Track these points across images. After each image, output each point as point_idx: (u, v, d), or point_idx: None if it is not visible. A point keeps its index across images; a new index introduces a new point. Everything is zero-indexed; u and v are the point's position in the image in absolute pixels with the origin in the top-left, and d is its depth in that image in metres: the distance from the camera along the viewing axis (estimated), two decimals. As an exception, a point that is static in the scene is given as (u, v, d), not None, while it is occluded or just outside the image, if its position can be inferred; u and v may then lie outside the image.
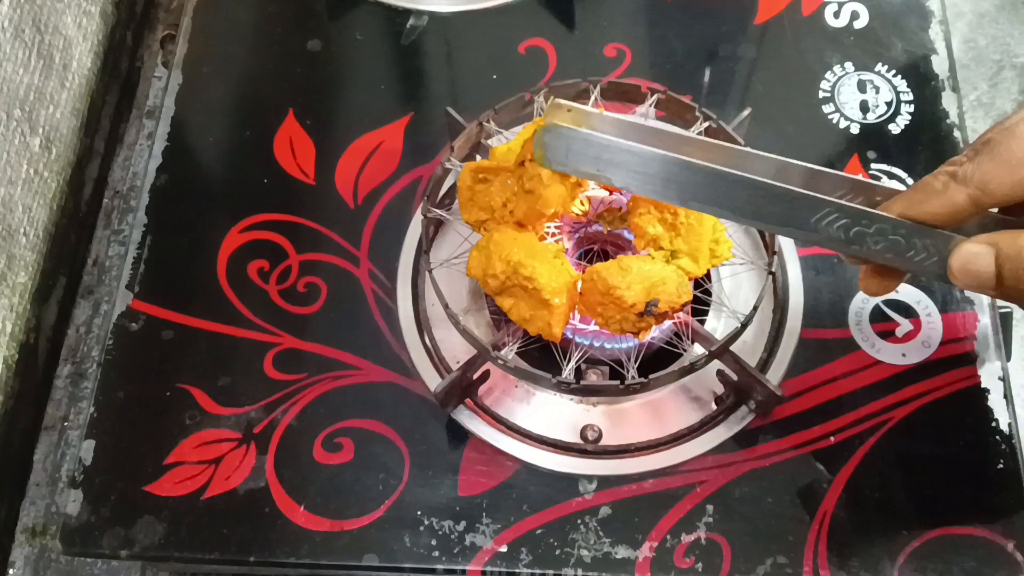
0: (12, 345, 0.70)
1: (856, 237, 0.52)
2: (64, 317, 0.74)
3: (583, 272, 0.59)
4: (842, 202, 0.51)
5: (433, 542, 0.62)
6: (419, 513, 0.62)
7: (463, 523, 0.62)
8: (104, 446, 0.65)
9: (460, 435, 0.65)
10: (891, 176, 0.73)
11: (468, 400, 0.65)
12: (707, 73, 0.80)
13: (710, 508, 0.62)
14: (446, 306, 0.60)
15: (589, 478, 0.63)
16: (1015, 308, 0.67)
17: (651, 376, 0.58)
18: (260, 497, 0.63)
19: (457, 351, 0.67)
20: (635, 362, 0.59)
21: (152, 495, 0.63)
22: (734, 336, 0.59)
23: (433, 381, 0.66)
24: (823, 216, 0.51)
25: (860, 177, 0.55)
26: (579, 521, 0.62)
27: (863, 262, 0.55)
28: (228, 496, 0.63)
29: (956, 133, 0.75)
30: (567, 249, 0.65)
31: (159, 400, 0.66)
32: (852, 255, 0.54)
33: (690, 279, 0.59)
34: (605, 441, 0.65)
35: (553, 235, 0.65)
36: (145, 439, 0.65)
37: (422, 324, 0.69)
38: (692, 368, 0.59)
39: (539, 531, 0.62)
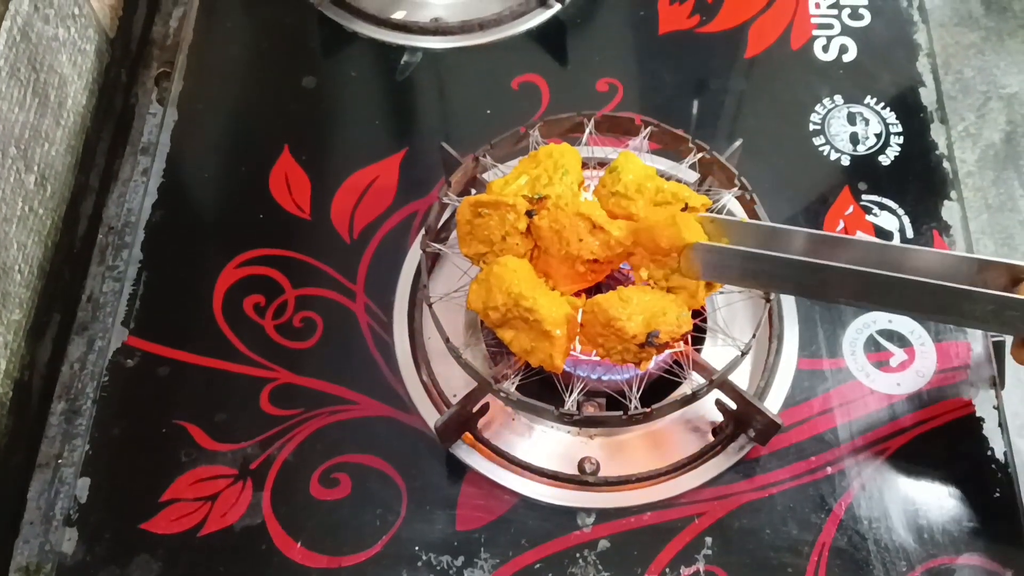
0: (6, 383, 0.70)
1: (1008, 320, 0.53)
2: (58, 354, 0.74)
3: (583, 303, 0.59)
4: (995, 292, 0.53)
5: (432, 577, 0.61)
6: (417, 548, 0.62)
7: (461, 558, 0.62)
8: (99, 484, 0.65)
9: (458, 469, 0.65)
10: (882, 207, 0.74)
11: (466, 434, 0.65)
12: (695, 106, 0.80)
13: (709, 540, 0.62)
14: (447, 340, 0.60)
15: (587, 511, 0.63)
16: (1008, 337, 0.68)
17: (653, 407, 0.58)
18: (257, 534, 0.63)
19: (455, 385, 0.67)
20: (637, 392, 0.59)
21: (148, 533, 0.63)
22: (735, 364, 0.59)
23: (430, 415, 0.66)
24: (975, 305, 0.53)
25: (1003, 260, 0.56)
26: (578, 555, 0.62)
27: None
28: (225, 533, 0.63)
29: (945, 164, 0.76)
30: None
31: (155, 437, 0.66)
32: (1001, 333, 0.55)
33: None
34: (603, 473, 0.65)
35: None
36: (141, 476, 0.65)
37: (419, 358, 0.69)
38: (694, 397, 0.59)
39: (537, 565, 0.62)
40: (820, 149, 0.77)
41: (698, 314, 0.66)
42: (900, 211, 0.74)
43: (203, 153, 0.79)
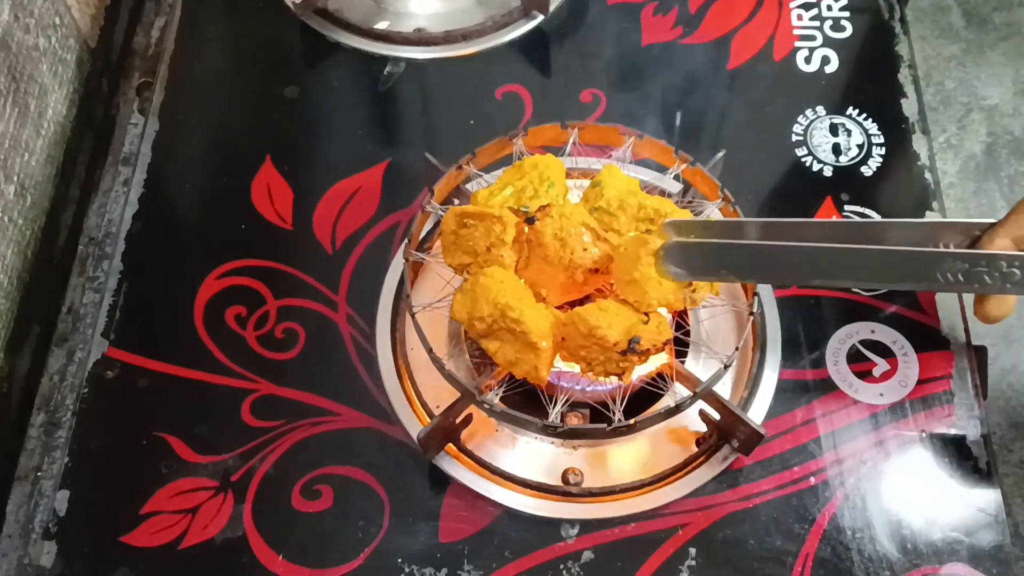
0: (-16, 395, 0.69)
1: (974, 277, 0.54)
2: (38, 366, 0.73)
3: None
4: (962, 251, 0.54)
5: (414, 590, 0.61)
6: (400, 561, 0.62)
7: (444, 570, 0.61)
8: (79, 496, 0.64)
9: (441, 480, 0.64)
10: (864, 217, 0.74)
11: (450, 445, 0.65)
12: (678, 117, 0.81)
13: (693, 551, 0.62)
14: (430, 350, 0.60)
15: (571, 522, 0.63)
16: (990, 346, 0.68)
17: (637, 418, 0.58)
18: (238, 546, 0.62)
19: (438, 396, 0.67)
20: (621, 404, 0.58)
21: (128, 546, 0.62)
22: (718, 376, 0.59)
23: (413, 426, 0.66)
24: (942, 266, 0.54)
25: (971, 220, 0.58)
26: (561, 566, 0.62)
27: None
28: (205, 546, 0.62)
29: (927, 175, 0.76)
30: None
31: (135, 449, 0.66)
32: (973, 292, 0.57)
33: (672, 313, 0.59)
34: (587, 484, 0.64)
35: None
36: (121, 489, 0.64)
37: (402, 369, 0.68)
38: (678, 409, 0.59)
39: (521, 577, 0.61)
40: (803, 160, 0.78)
41: (681, 327, 0.66)
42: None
43: (184, 163, 0.79)
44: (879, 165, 0.77)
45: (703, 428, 0.66)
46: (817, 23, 0.85)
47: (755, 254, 0.57)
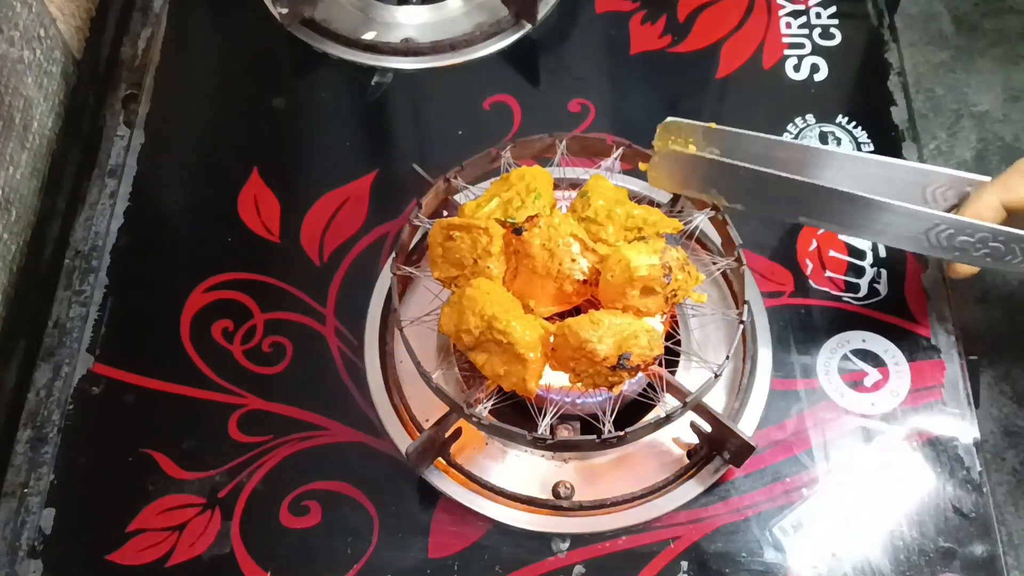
0: (-31, 411, 0.68)
1: (960, 245, 0.55)
2: (24, 381, 0.73)
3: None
4: (952, 216, 0.56)
5: (404, 606, 0.60)
6: (389, 576, 0.61)
7: (434, 586, 0.61)
8: (65, 514, 0.64)
9: (430, 495, 0.64)
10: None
11: (439, 459, 0.65)
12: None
13: (684, 564, 0.62)
14: (418, 364, 0.59)
15: (562, 536, 0.63)
16: (981, 355, 0.68)
17: (627, 430, 0.58)
18: (226, 564, 0.62)
19: (427, 409, 0.66)
20: (611, 416, 0.58)
21: (115, 564, 0.62)
22: (709, 386, 0.59)
23: (402, 440, 0.65)
24: (932, 228, 0.55)
25: (964, 174, 0.60)
26: (553, 581, 0.61)
27: None
28: (193, 564, 0.62)
29: (917, 183, 0.76)
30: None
31: (121, 465, 0.65)
32: (952, 260, 0.59)
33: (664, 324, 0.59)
34: (578, 497, 0.64)
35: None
36: (107, 506, 0.64)
37: (390, 382, 0.68)
38: (668, 420, 0.59)
39: (512, 592, 0.61)
40: (792, 168, 0.77)
41: (671, 337, 0.66)
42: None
43: (171, 176, 0.79)
44: (869, 173, 0.77)
45: (694, 440, 0.65)
46: (806, 31, 0.85)
47: (748, 179, 0.57)
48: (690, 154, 0.58)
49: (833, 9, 0.86)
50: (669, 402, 0.62)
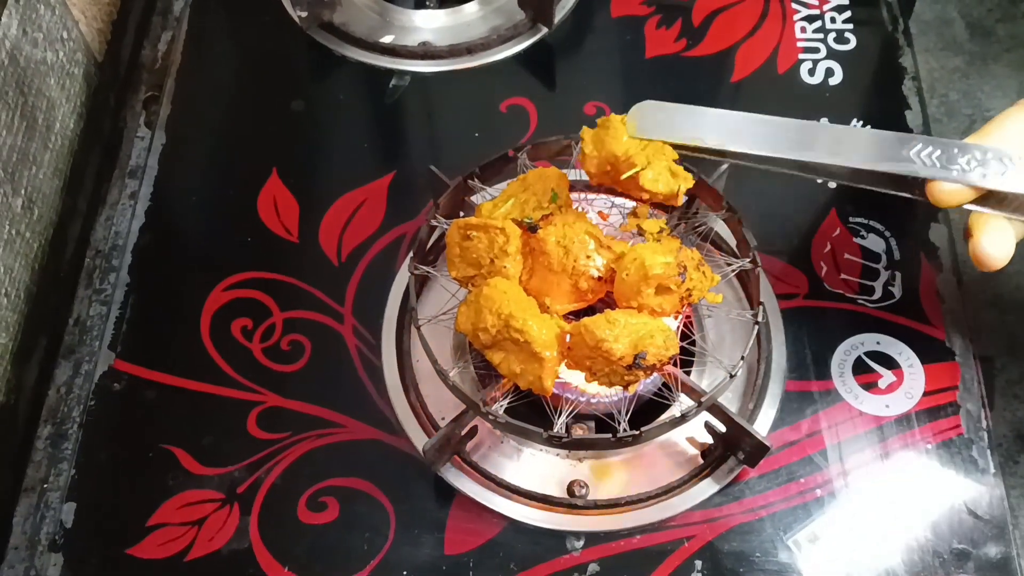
0: (-9, 407, 0.69)
1: (950, 161, 0.54)
2: (45, 378, 0.73)
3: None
4: (930, 137, 0.55)
5: (420, 602, 0.61)
6: (405, 573, 0.62)
7: (450, 582, 0.61)
8: (85, 508, 0.64)
9: (446, 492, 0.64)
10: (869, 229, 0.74)
11: (455, 456, 0.65)
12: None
13: (699, 564, 0.62)
14: (435, 363, 0.60)
15: (577, 535, 0.63)
16: (996, 357, 0.68)
17: (643, 429, 0.58)
18: (244, 559, 0.62)
19: (443, 407, 0.67)
20: (626, 415, 0.59)
21: (134, 558, 0.62)
22: (724, 386, 0.59)
23: (419, 438, 0.66)
24: (914, 148, 0.55)
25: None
26: (567, 579, 0.62)
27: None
28: (211, 558, 0.62)
29: (932, 186, 0.76)
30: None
31: (141, 461, 0.66)
32: (949, 183, 0.55)
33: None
34: (593, 496, 0.64)
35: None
36: (127, 501, 0.65)
37: (407, 380, 0.68)
38: (683, 419, 0.59)
39: (527, 589, 0.61)
40: (807, 172, 0.77)
41: (687, 337, 0.66)
42: (887, 233, 0.74)
43: (191, 176, 0.79)
44: (884, 177, 0.77)
45: (709, 440, 0.66)
46: (821, 35, 0.86)
47: (728, 121, 0.59)
48: (670, 104, 0.59)
49: (848, 14, 0.87)
50: (684, 402, 0.62)
